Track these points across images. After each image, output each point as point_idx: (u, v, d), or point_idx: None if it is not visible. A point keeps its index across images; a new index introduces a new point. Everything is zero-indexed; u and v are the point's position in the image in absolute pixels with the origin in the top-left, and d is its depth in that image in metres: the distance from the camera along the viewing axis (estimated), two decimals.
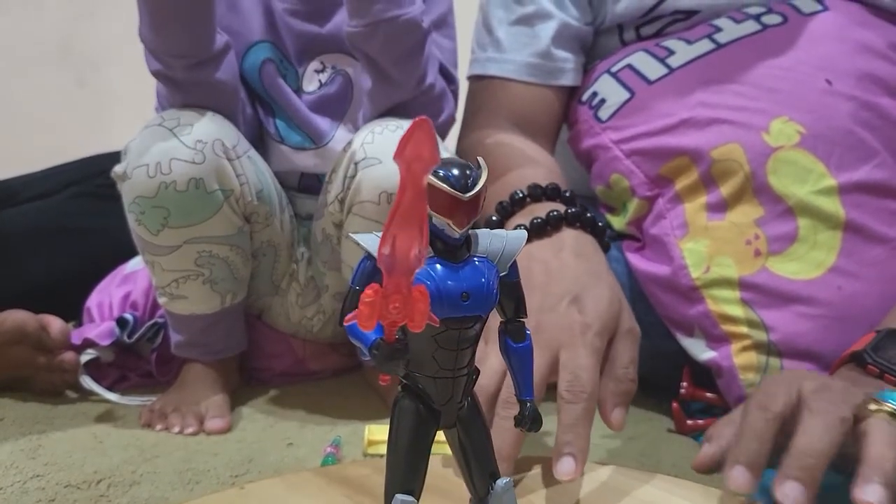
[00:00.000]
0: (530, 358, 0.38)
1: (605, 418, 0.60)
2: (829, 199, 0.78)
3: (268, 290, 0.96)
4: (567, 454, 0.52)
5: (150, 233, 0.82)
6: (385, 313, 0.29)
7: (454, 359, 0.35)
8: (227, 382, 0.91)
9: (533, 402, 0.38)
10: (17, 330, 0.91)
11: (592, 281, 0.64)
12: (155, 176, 0.79)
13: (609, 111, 0.89)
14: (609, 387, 0.60)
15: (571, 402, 0.55)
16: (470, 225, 0.34)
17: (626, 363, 0.61)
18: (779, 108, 0.81)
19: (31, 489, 0.68)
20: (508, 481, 0.36)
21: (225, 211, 0.83)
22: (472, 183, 0.33)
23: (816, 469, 0.48)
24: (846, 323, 0.75)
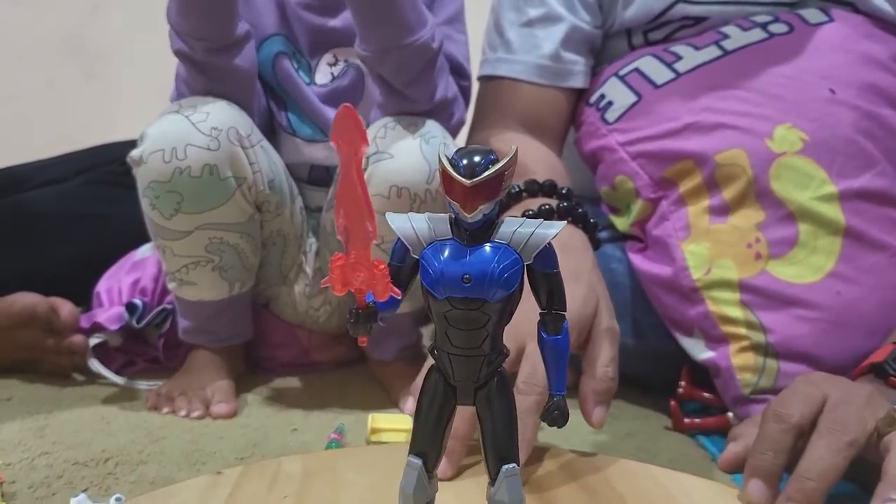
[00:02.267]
0: (562, 353, 0.37)
1: (587, 417, 0.61)
2: (829, 205, 0.79)
3: (276, 280, 0.97)
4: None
5: (164, 217, 0.83)
6: (351, 281, 0.34)
7: (465, 338, 0.36)
8: (233, 369, 0.93)
9: (561, 398, 0.37)
10: (27, 312, 0.93)
11: (570, 277, 0.64)
12: (170, 161, 0.81)
13: (616, 113, 0.91)
14: (589, 385, 0.61)
15: (525, 392, 0.56)
16: (481, 210, 0.34)
17: (606, 362, 0.62)
18: (783, 115, 0.82)
19: (38, 466, 0.69)
20: (512, 467, 0.36)
21: (237, 198, 0.85)
22: (480, 170, 0.34)
23: (816, 492, 0.50)
24: (844, 328, 0.77)
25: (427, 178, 0.81)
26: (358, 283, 0.34)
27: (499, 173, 0.34)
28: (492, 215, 0.35)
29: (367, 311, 0.35)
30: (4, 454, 0.71)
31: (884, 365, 0.60)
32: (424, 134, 0.83)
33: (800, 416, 0.53)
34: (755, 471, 0.53)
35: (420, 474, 0.37)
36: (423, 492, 0.38)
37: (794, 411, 0.54)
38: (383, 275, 0.34)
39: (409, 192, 0.81)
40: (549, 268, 0.37)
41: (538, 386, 0.56)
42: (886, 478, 0.48)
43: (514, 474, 0.36)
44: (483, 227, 0.35)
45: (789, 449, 0.53)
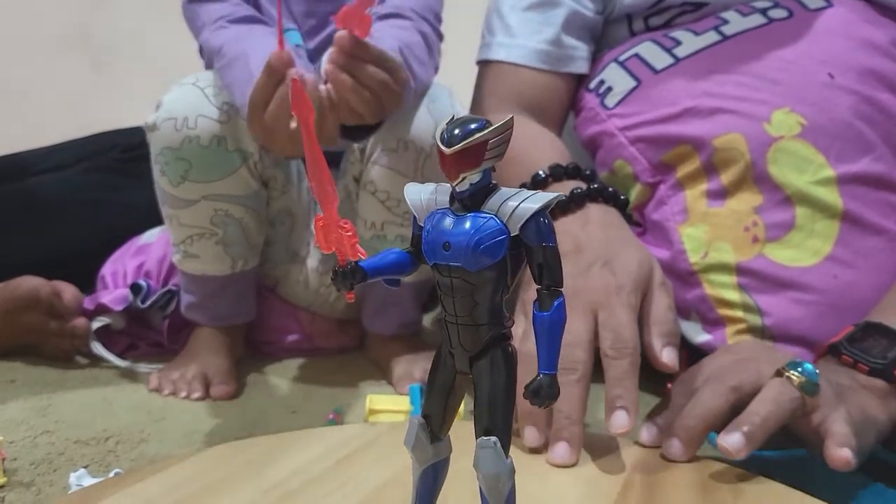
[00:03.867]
0: (550, 330, 0.35)
1: (657, 360, 0.61)
2: (827, 189, 0.79)
3: (283, 258, 0.98)
4: (620, 408, 0.55)
5: (172, 184, 0.86)
6: (329, 241, 0.36)
7: (453, 306, 0.36)
8: (234, 351, 0.94)
9: (547, 377, 0.35)
10: (31, 295, 0.94)
11: (620, 245, 0.66)
12: (181, 129, 0.83)
13: (615, 99, 0.91)
14: (653, 331, 0.61)
15: (617, 357, 0.57)
16: (467, 180, 0.34)
17: (665, 309, 0.63)
18: (781, 100, 0.82)
19: (41, 443, 0.70)
20: (488, 440, 0.36)
21: (242, 172, 0.87)
22: (458, 139, 0.33)
23: (695, 429, 0.55)
24: (840, 311, 0.77)
25: (432, 133, 0.83)
26: (329, 243, 0.36)
27: (479, 142, 0.33)
28: (481, 185, 0.35)
29: (345, 270, 0.36)
30: (7, 433, 0.71)
31: (838, 345, 0.62)
32: (430, 95, 0.87)
33: (705, 377, 0.60)
34: (653, 417, 0.61)
35: (419, 432, 0.38)
36: (424, 450, 0.38)
37: (698, 378, 0.60)
38: (349, 235, 0.36)
39: (416, 146, 0.84)
40: (536, 241, 0.35)
41: (627, 347, 0.57)
42: (744, 412, 0.52)
43: (488, 446, 0.35)
44: (474, 197, 0.35)
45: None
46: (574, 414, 0.55)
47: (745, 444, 0.51)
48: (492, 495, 0.36)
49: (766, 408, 0.52)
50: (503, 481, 0.35)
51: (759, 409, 0.52)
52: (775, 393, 0.53)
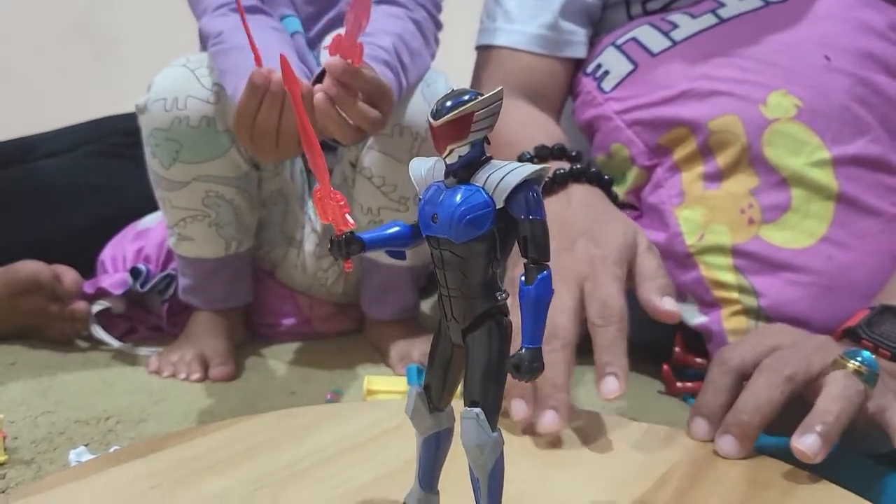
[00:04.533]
0: (535, 304, 0.35)
1: (658, 312, 0.60)
2: (823, 171, 0.79)
3: (280, 241, 0.99)
4: (609, 374, 0.55)
5: (163, 166, 0.87)
6: (325, 212, 0.37)
7: (444, 277, 0.37)
8: (233, 334, 0.94)
9: (530, 350, 0.34)
10: (31, 279, 0.94)
11: (604, 219, 0.66)
12: (171, 110, 0.84)
13: (612, 82, 0.91)
14: (647, 286, 0.62)
15: (604, 325, 0.57)
16: (456, 152, 0.34)
17: (655, 267, 0.63)
18: (777, 82, 0.82)
19: (41, 423, 0.71)
20: (470, 411, 0.35)
21: (232, 153, 0.88)
22: (445, 111, 0.34)
23: (749, 425, 0.52)
24: (835, 292, 0.78)
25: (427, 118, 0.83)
26: (325, 214, 0.37)
27: (464, 114, 0.33)
28: (471, 157, 0.35)
29: (340, 240, 0.36)
30: (8, 412, 0.72)
31: (857, 329, 0.61)
32: (426, 79, 0.88)
33: (740, 360, 0.55)
34: (698, 409, 0.55)
35: (417, 401, 0.38)
36: (423, 418, 0.39)
37: (736, 355, 0.56)
38: (339, 206, 0.37)
39: (412, 131, 0.86)
40: (521, 213, 0.34)
41: (614, 315, 0.57)
42: (813, 412, 0.50)
43: (470, 417, 0.35)
44: (464, 170, 0.36)
45: (728, 388, 0.55)
46: (559, 380, 0.55)
47: (822, 446, 0.48)
48: (476, 467, 0.36)
49: (837, 405, 0.49)
50: (486, 453, 0.35)
51: (831, 407, 0.49)
52: (842, 387, 0.50)
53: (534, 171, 0.34)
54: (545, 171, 0.35)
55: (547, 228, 0.35)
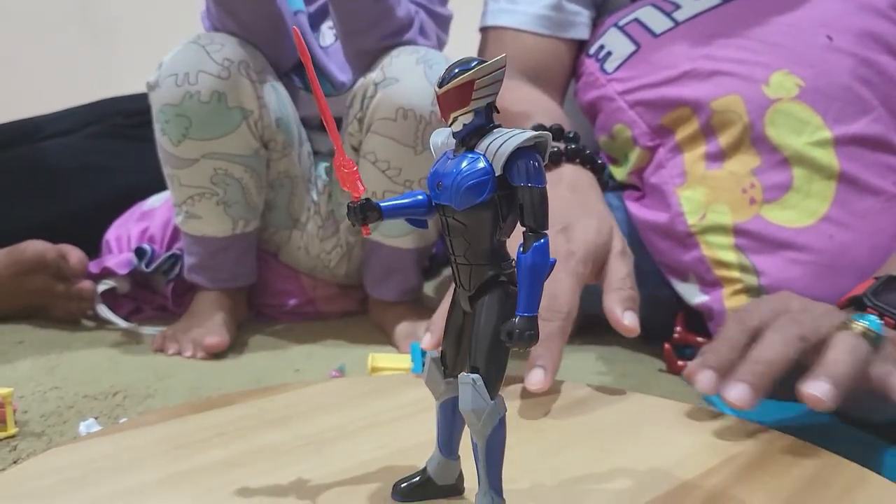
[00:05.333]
0: (530, 272, 0.34)
1: (619, 324, 0.62)
2: (824, 150, 0.80)
3: (285, 223, 1.00)
4: (538, 366, 0.56)
5: (172, 143, 0.87)
6: (341, 179, 0.38)
7: (451, 245, 0.37)
8: (237, 313, 0.95)
9: (524, 319, 0.34)
10: (37, 258, 0.95)
11: (582, 212, 0.67)
12: (182, 85, 0.85)
13: (615, 63, 0.91)
14: (611, 297, 0.63)
15: (547, 319, 0.58)
16: (460, 120, 0.35)
17: (623, 276, 0.64)
18: (780, 62, 0.83)
19: (50, 398, 0.72)
20: (467, 376, 0.36)
21: (243, 130, 0.88)
22: (448, 78, 0.34)
23: (765, 375, 0.52)
24: (836, 271, 0.78)
25: (432, 101, 0.85)
26: (342, 181, 0.38)
27: (465, 81, 0.34)
28: (475, 125, 0.35)
29: (356, 206, 0.37)
30: (17, 388, 0.73)
31: (862, 298, 0.61)
32: (428, 60, 0.88)
33: (759, 319, 0.56)
34: (707, 362, 0.55)
35: (431, 366, 0.39)
36: (437, 384, 0.39)
37: (755, 315, 0.56)
38: (350, 172, 0.37)
39: (415, 114, 0.86)
40: (519, 180, 0.34)
41: (560, 312, 0.59)
42: (821, 363, 0.50)
43: (466, 382, 0.35)
44: (470, 138, 0.36)
45: (743, 346, 0.55)
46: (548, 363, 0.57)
47: (834, 393, 0.48)
48: (474, 432, 0.36)
49: (847, 357, 0.50)
50: (483, 420, 0.35)
51: (842, 358, 0.50)
52: (850, 346, 0.51)
53: (530, 138, 0.34)
54: (545, 137, 0.35)
55: (546, 196, 0.35)
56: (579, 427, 0.53)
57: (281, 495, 0.42)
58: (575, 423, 0.54)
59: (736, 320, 0.57)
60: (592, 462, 0.47)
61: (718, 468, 0.47)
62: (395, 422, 0.53)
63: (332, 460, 0.46)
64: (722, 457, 0.49)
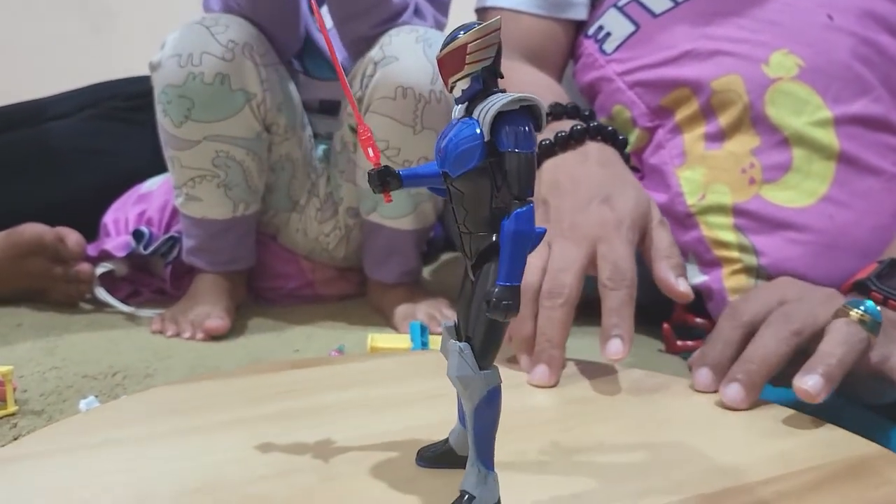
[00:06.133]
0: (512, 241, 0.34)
1: (673, 291, 0.62)
2: (824, 130, 0.80)
3: (285, 206, 0.99)
4: (615, 336, 0.56)
5: (174, 124, 0.87)
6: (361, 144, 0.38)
7: (452, 212, 0.37)
8: (236, 295, 0.95)
9: (502, 288, 0.33)
10: (35, 241, 0.95)
11: (619, 183, 0.67)
12: (185, 66, 0.84)
13: (614, 44, 0.91)
14: (662, 265, 0.63)
15: (614, 288, 0.58)
16: (459, 86, 0.34)
17: (668, 244, 0.64)
18: (780, 41, 0.82)
19: (50, 378, 0.72)
20: (455, 344, 0.35)
21: (245, 113, 0.88)
22: (445, 44, 0.34)
23: (758, 374, 0.52)
24: (835, 251, 0.78)
25: (431, 80, 0.85)
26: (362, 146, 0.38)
27: (457, 46, 0.33)
28: (473, 91, 0.35)
29: (375, 172, 0.37)
30: (17, 369, 0.72)
31: (866, 282, 0.61)
32: (427, 39, 0.88)
33: (751, 314, 0.56)
34: (703, 360, 0.55)
35: (446, 335, 0.38)
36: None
37: (747, 310, 0.56)
38: (364, 139, 0.37)
39: (414, 93, 0.85)
40: (504, 146, 0.33)
41: (625, 279, 0.58)
42: (816, 355, 0.50)
43: (454, 350, 0.35)
44: (470, 104, 0.36)
45: (737, 342, 0.55)
46: (555, 338, 0.56)
47: (823, 386, 0.48)
48: (463, 400, 0.36)
49: (840, 349, 0.50)
50: (471, 389, 0.35)
51: (834, 351, 0.50)
52: (845, 334, 0.51)
53: (513, 101, 0.33)
54: (534, 101, 0.34)
55: (532, 163, 0.34)
56: (641, 416, 0.51)
57: (324, 447, 0.43)
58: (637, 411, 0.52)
59: (728, 316, 0.57)
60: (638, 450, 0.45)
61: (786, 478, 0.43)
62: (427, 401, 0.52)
63: (384, 421, 0.48)
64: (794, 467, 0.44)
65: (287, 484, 0.39)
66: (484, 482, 0.36)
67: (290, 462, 0.41)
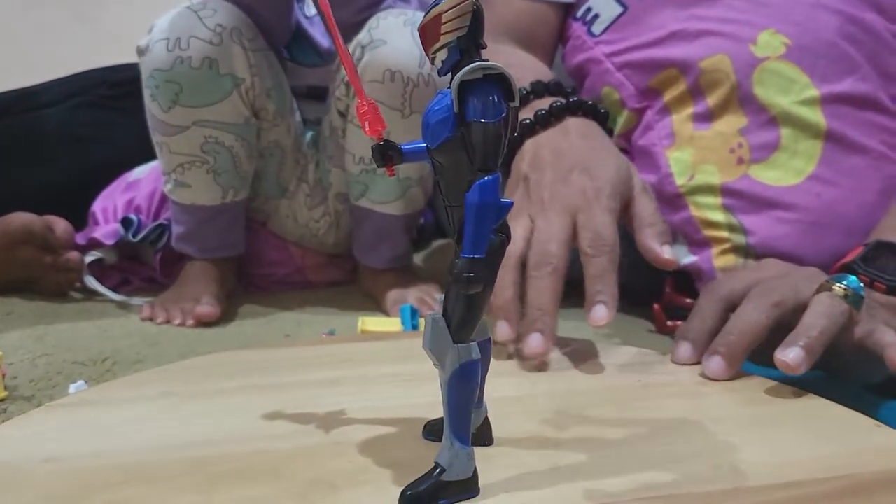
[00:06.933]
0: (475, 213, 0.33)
1: (658, 258, 0.62)
2: (811, 109, 0.80)
3: (274, 192, 0.99)
4: (599, 302, 0.56)
5: (162, 109, 0.86)
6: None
7: (437, 185, 0.37)
8: (226, 282, 0.95)
9: (464, 260, 0.33)
10: (24, 230, 0.95)
11: (600, 153, 0.67)
12: (173, 50, 0.84)
13: (602, 26, 0.91)
14: (646, 233, 0.63)
15: (596, 255, 0.58)
16: (438, 58, 0.34)
17: (652, 211, 0.64)
18: (767, 21, 0.82)
19: (40, 364, 0.72)
20: (431, 314, 0.35)
21: (234, 98, 0.87)
22: (423, 16, 0.34)
23: (737, 346, 0.53)
24: (823, 228, 0.78)
25: (419, 63, 0.84)
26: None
27: (432, 17, 0.33)
28: (452, 62, 0.34)
29: (376, 146, 0.37)
30: (6, 356, 0.73)
31: (852, 265, 0.62)
32: (415, 22, 0.87)
33: (729, 289, 0.57)
34: (683, 334, 0.56)
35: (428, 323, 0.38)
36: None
37: (725, 285, 0.57)
38: (363, 112, 0.37)
39: (402, 76, 0.85)
40: (468, 116, 0.33)
41: (606, 245, 0.58)
42: (798, 328, 0.51)
43: (428, 321, 0.35)
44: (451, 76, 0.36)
45: (715, 316, 0.56)
46: (546, 305, 0.56)
47: (804, 358, 0.49)
48: (439, 370, 0.35)
49: (820, 321, 0.51)
50: (443, 361, 0.35)
51: (815, 323, 0.50)
52: (826, 307, 0.52)
53: (474, 69, 0.33)
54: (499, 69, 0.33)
55: (499, 134, 0.33)
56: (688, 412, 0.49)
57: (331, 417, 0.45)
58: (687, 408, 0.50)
59: (706, 291, 0.58)
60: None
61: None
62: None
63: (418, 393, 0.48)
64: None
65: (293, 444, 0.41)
66: (456, 456, 0.35)
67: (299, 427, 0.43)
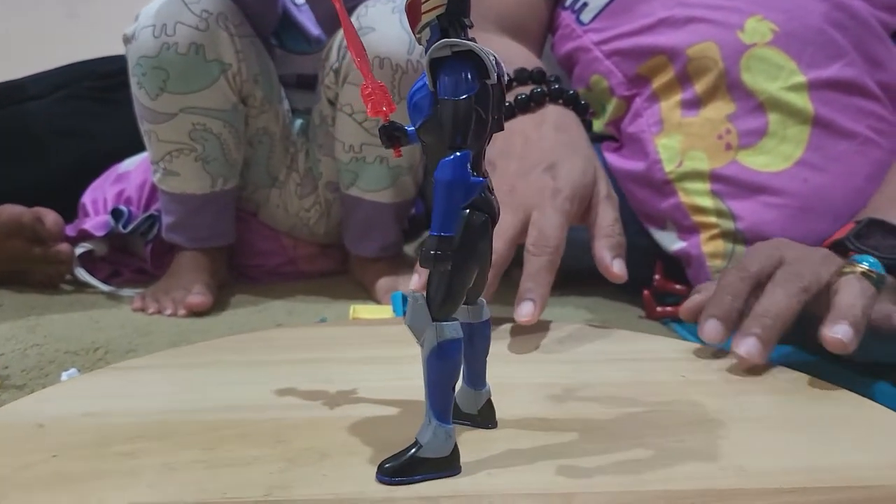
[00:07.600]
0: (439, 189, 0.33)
1: (608, 272, 0.62)
2: (798, 95, 0.80)
3: (264, 182, 0.99)
4: (527, 299, 0.57)
5: (150, 97, 0.86)
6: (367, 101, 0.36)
7: (426, 167, 0.38)
8: (217, 273, 0.95)
9: (430, 238, 0.33)
10: (13, 222, 0.94)
11: (568, 151, 0.67)
12: (159, 37, 0.84)
13: (591, 14, 0.91)
14: (601, 243, 0.63)
15: (536, 255, 0.59)
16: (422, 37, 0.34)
17: (611, 222, 0.65)
18: (754, 7, 0.83)
19: (31, 354, 0.72)
20: (412, 294, 0.35)
21: (221, 84, 0.87)
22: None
23: (773, 329, 0.52)
24: (810, 213, 0.79)
25: (408, 49, 0.85)
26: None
27: None
28: (433, 41, 0.33)
29: (382, 128, 0.37)
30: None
31: (844, 241, 0.62)
32: (403, 9, 0.85)
33: (759, 267, 0.56)
34: (713, 311, 0.55)
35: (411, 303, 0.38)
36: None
37: (754, 263, 0.56)
38: (367, 93, 0.36)
39: (391, 63, 0.85)
40: (439, 94, 0.33)
41: (548, 247, 0.59)
42: (837, 308, 0.50)
43: (411, 300, 0.35)
44: None
45: (745, 295, 0.55)
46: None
47: (854, 336, 0.48)
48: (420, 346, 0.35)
49: (860, 300, 0.50)
50: (423, 338, 0.35)
51: (856, 302, 0.50)
52: (860, 289, 0.52)
53: (443, 46, 0.33)
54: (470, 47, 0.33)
55: (469, 110, 0.33)
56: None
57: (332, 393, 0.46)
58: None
59: (737, 269, 0.56)
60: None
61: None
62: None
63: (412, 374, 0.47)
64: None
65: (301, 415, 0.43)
66: (434, 433, 0.35)
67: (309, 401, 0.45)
